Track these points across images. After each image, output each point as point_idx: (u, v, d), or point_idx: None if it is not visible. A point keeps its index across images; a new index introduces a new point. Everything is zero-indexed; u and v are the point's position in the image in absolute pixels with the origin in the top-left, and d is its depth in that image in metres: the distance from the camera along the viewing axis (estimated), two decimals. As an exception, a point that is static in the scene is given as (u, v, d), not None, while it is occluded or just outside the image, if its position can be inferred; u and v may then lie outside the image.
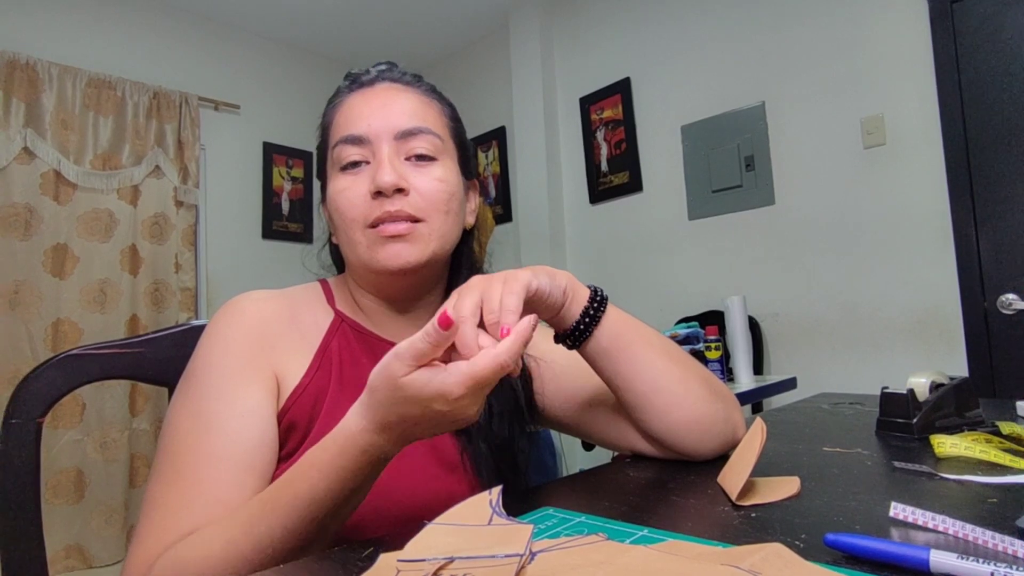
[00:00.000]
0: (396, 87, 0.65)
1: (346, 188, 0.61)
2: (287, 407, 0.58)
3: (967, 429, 0.68)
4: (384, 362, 0.44)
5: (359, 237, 0.61)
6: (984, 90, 1.94)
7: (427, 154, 0.63)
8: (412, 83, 0.67)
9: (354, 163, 0.62)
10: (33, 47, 2.60)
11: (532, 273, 0.51)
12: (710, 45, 2.62)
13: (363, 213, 0.60)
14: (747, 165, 2.49)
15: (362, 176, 0.61)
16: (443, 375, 0.42)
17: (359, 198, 0.61)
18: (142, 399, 2.76)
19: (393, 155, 0.61)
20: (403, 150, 0.62)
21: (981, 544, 0.36)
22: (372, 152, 0.62)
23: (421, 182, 0.61)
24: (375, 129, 0.62)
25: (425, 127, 0.63)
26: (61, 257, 2.60)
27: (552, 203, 3.12)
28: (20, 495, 0.61)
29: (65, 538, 2.50)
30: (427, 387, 0.42)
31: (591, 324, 0.56)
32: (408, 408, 0.44)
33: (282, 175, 3.44)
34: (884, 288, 2.13)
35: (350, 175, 0.62)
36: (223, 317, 0.61)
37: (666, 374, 0.58)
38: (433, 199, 0.62)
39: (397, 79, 0.66)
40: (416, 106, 0.64)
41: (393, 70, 0.68)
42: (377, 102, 0.63)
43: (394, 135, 0.62)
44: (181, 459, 0.53)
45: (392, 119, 0.62)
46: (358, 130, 0.62)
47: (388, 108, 0.63)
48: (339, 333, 0.64)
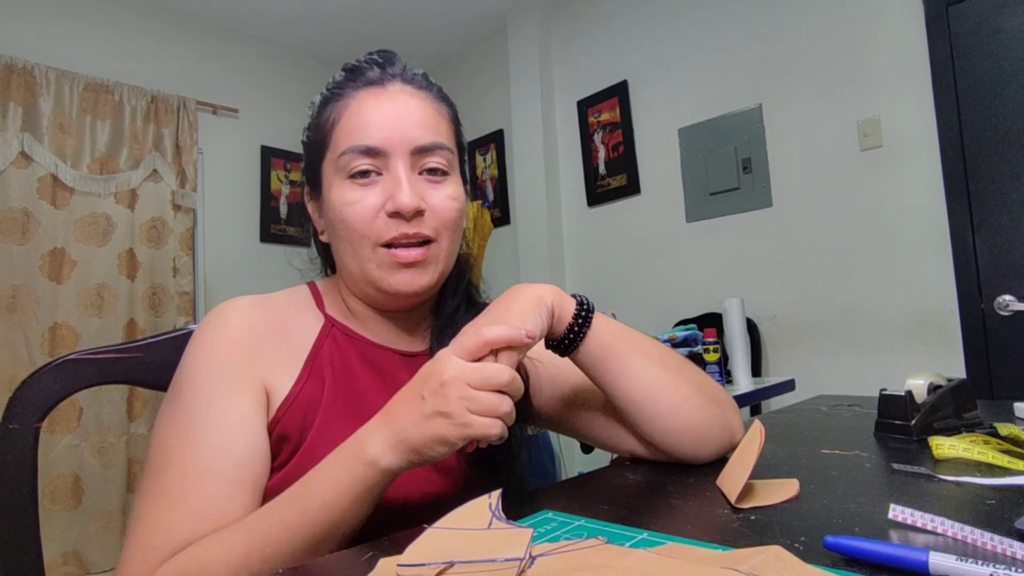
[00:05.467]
0: (409, 91, 0.62)
1: (356, 201, 0.58)
2: (277, 418, 0.57)
3: (965, 430, 0.68)
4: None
5: (368, 254, 0.59)
6: (980, 92, 1.95)
7: (440, 168, 0.61)
8: (424, 86, 0.64)
9: (364, 172, 0.59)
10: (30, 51, 2.60)
11: (520, 321, 0.51)
12: (707, 48, 2.62)
13: (376, 231, 0.58)
14: (744, 168, 2.49)
15: (374, 190, 0.59)
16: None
17: (371, 214, 0.58)
18: (140, 404, 2.75)
19: (409, 171, 0.59)
20: (417, 164, 0.60)
21: (980, 546, 0.36)
22: (386, 165, 0.59)
23: (435, 200, 0.60)
24: (392, 142, 0.59)
25: (440, 142, 0.61)
26: (58, 261, 2.59)
27: (550, 206, 3.12)
28: (17, 501, 0.61)
29: (63, 544, 2.49)
30: (427, 365, 0.48)
31: (576, 338, 0.56)
32: (407, 391, 0.48)
33: (280, 179, 3.43)
34: (881, 290, 2.14)
35: (360, 186, 0.59)
36: (207, 327, 0.59)
37: (658, 381, 0.58)
38: (446, 218, 0.61)
39: (409, 80, 0.63)
40: (431, 117, 0.62)
41: (399, 64, 0.64)
42: (393, 110, 0.60)
43: (411, 151, 0.59)
44: (167, 474, 0.52)
45: (409, 132, 0.59)
46: (372, 140, 0.59)
47: (404, 119, 0.60)
48: (330, 338, 0.63)
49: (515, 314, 0.52)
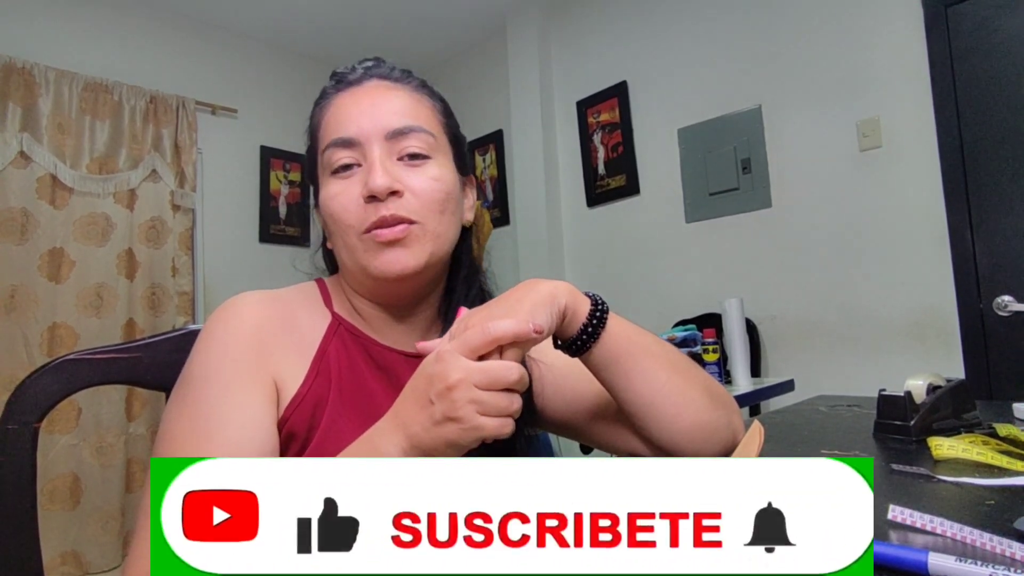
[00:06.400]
0: (385, 84, 0.63)
1: (338, 193, 0.60)
2: (287, 416, 0.57)
3: (964, 431, 0.68)
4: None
5: (354, 243, 0.60)
6: (979, 93, 1.95)
7: (420, 153, 0.61)
8: (402, 79, 0.65)
9: (345, 166, 0.60)
10: (30, 51, 2.60)
11: (530, 315, 0.49)
12: (706, 49, 2.63)
13: (357, 218, 0.59)
14: (744, 168, 2.49)
15: (354, 180, 0.60)
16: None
17: (352, 203, 0.59)
18: (139, 404, 2.75)
19: (385, 156, 0.59)
20: (395, 150, 0.60)
21: (979, 546, 0.36)
22: (363, 154, 0.60)
23: (415, 182, 0.60)
24: (365, 130, 0.60)
25: (417, 125, 0.61)
26: (57, 261, 2.59)
27: (550, 206, 3.12)
28: (16, 501, 0.60)
29: (61, 544, 2.48)
30: (431, 362, 0.47)
31: (590, 339, 0.55)
32: (414, 392, 0.47)
33: (279, 179, 3.43)
34: (881, 290, 2.14)
35: (341, 179, 0.60)
36: (219, 320, 0.58)
37: (668, 384, 0.58)
38: (428, 199, 0.60)
39: (386, 76, 0.64)
40: (407, 104, 0.62)
41: (381, 66, 0.65)
42: (366, 102, 0.61)
43: (385, 135, 0.60)
44: None
45: (382, 119, 0.60)
46: (347, 132, 0.60)
47: (377, 108, 0.61)
48: (336, 337, 0.63)
49: (526, 308, 0.50)
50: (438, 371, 0.46)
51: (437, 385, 0.45)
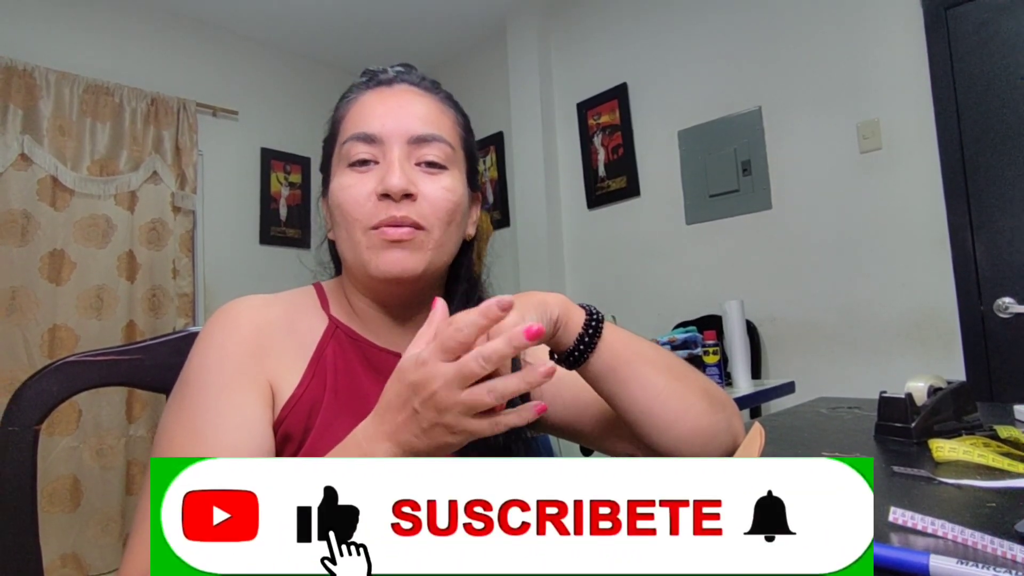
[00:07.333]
0: (414, 90, 0.64)
1: (351, 185, 0.60)
2: (282, 418, 0.57)
3: (965, 433, 0.68)
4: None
5: (359, 237, 0.60)
6: (979, 95, 1.95)
7: (438, 162, 0.62)
8: (430, 89, 0.66)
9: (363, 161, 0.60)
10: (30, 53, 2.60)
11: (519, 315, 0.48)
12: (706, 51, 2.63)
13: (367, 214, 0.59)
14: (744, 170, 2.49)
15: (370, 175, 0.60)
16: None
17: (364, 197, 0.59)
18: (139, 405, 2.75)
19: (404, 159, 0.60)
20: (414, 155, 0.61)
21: (980, 548, 0.36)
22: (383, 153, 0.60)
23: (429, 189, 0.60)
24: (389, 129, 0.61)
25: (439, 135, 0.62)
26: (58, 263, 2.59)
27: (550, 208, 3.12)
28: (16, 503, 0.60)
29: (61, 547, 2.48)
30: (410, 368, 0.44)
31: (587, 350, 0.55)
32: (397, 397, 0.45)
33: (280, 181, 3.44)
34: (881, 292, 2.14)
35: (357, 172, 0.60)
36: (217, 324, 0.59)
37: (666, 391, 0.58)
38: (439, 208, 0.60)
39: (416, 83, 0.66)
40: (432, 112, 0.63)
41: (412, 73, 0.67)
42: (394, 102, 0.62)
43: (407, 139, 0.61)
44: None
45: (407, 122, 0.61)
46: (371, 128, 0.61)
47: (404, 110, 0.62)
48: (333, 340, 0.63)
49: (516, 309, 0.48)
50: (418, 379, 0.44)
51: (420, 393, 0.44)
